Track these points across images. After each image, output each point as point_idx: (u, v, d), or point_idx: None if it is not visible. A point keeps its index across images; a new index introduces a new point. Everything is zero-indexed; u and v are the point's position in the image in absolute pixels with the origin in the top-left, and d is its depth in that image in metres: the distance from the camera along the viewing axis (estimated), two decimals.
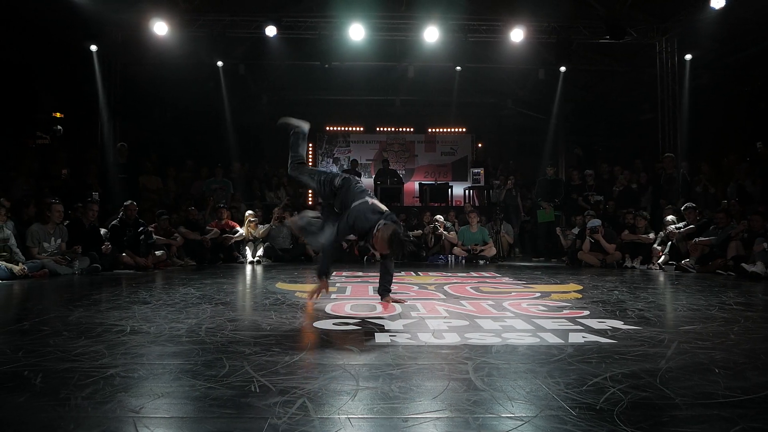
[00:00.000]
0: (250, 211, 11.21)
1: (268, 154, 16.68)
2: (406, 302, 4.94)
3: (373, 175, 15.48)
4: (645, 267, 9.52)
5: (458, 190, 14.98)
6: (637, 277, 8.13)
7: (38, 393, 2.32)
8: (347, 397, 2.28)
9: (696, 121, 12.71)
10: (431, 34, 12.06)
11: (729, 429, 1.95)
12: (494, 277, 7.72)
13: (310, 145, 17.46)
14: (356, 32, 11.94)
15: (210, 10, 12.35)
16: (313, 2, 12.90)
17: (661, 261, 9.47)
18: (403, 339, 3.41)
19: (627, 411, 2.11)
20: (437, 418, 2.06)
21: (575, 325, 3.87)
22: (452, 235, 11.48)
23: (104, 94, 12.27)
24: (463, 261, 11.00)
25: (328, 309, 4.62)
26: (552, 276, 7.91)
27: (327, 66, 13.17)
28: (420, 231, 11.84)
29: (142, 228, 9.31)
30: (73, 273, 7.98)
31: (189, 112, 15.40)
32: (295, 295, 5.65)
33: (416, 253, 11.33)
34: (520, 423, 2.00)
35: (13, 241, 7.54)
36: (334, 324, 3.94)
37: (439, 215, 11.87)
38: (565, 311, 4.53)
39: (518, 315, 4.32)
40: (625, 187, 12.08)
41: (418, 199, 14.84)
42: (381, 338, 3.42)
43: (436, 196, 13.74)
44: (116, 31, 12.30)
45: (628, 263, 9.76)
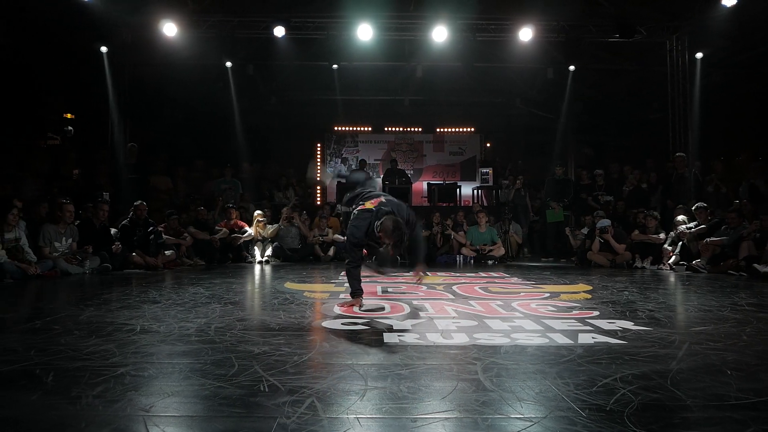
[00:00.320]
0: (258, 211, 11.24)
1: (277, 154, 16.72)
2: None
3: (382, 175, 15.48)
4: (655, 267, 9.46)
5: (467, 190, 14.94)
6: (648, 277, 8.08)
7: (50, 391, 2.34)
8: (356, 397, 2.28)
9: (707, 120, 12.61)
10: (440, 34, 12.04)
11: (741, 431, 1.94)
12: (503, 278, 7.70)
13: (319, 145, 17.51)
14: (364, 32, 11.93)
15: (219, 11, 12.38)
16: (322, 3, 12.90)
17: (671, 261, 9.40)
18: (411, 339, 3.40)
19: (637, 412, 2.09)
20: (446, 419, 2.06)
21: (585, 325, 3.86)
22: (461, 235, 11.46)
23: (114, 94, 12.32)
24: (472, 261, 10.98)
25: (337, 309, 4.63)
26: (561, 276, 7.87)
27: (335, 66, 13.19)
28: (429, 231, 11.82)
29: (151, 228, 9.36)
30: (84, 272, 8.04)
31: (198, 113, 15.45)
32: (304, 295, 5.66)
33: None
34: (529, 424, 1.99)
35: (25, 240, 7.59)
36: (342, 324, 3.95)
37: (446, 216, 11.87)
38: (575, 312, 4.51)
39: (527, 315, 4.30)
40: (635, 187, 12.00)
41: (426, 199, 14.81)
42: (389, 338, 3.42)
43: (444, 196, 13.70)
44: (126, 33, 12.37)
45: (639, 263, 9.70)
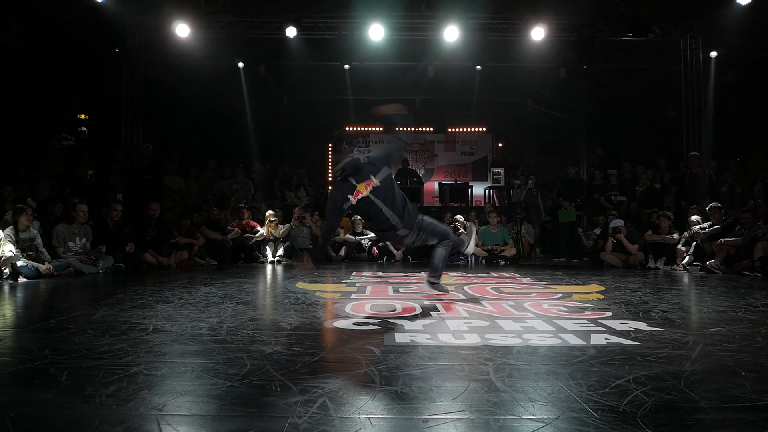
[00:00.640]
0: (270, 211, 11.27)
1: (289, 154, 16.80)
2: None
3: (393, 175, 15.47)
4: (669, 268, 9.38)
5: (478, 190, 14.92)
6: (661, 278, 8.02)
7: (64, 390, 2.36)
8: (367, 397, 2.28)
9: (721, 119, 12.50)
10: (451, 34, 12.02)
11: None
12: (515, 278, 7.67)
13: (330, 145, 17.52)
14: (376, 32, 11.94)
15: (231, 12, 12.44)
16: (333, 3, 12.93)
17: (685, 262, 9.32)
18: (423, 339, 3.40)
19: (651, 414, 2.08)
20: (457, 419, 2.05)
21: (597, 326, 3.83)
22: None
23: (127, 95, 12.41)
24: (483, 261, 10.94)
25: (348, 309, 4.64)
26: (573, 276, 7.83)
27: (347, 66, 13.20)
28: None
29: (164, 228, 9.42)
30: (98, 272, 8.11)
31: (210, 113, 15.55)
32: (315, 294, 5.67)
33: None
34: (541, 425, 1.98)
35: (39, 240, 7.67)
36: (354, 324, 3.95)
37: (459, 215, 11.82)
38: (587, 312, 4.48)
39: (539, 316, 4.28)
40: (648, 187, 11.91)
41: (438, 200, 14.80)
42: (401, 338, 3.42)
43: (456, 196, 13.68)
44: (139, 34, 12.45)
45: (652, 264, 9.62)
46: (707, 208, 9.51)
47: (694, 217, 9.65)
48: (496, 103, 17.22)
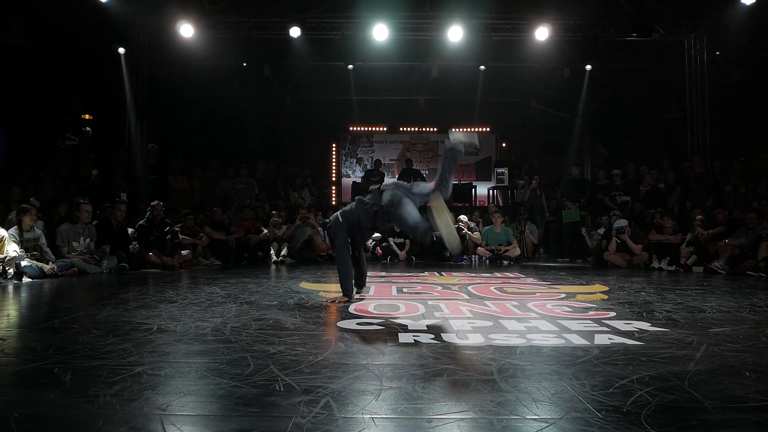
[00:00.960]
0: (274, 211, 11.29)
1: (292, 154, 16.80)
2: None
3: (397, 175, 15.48)
4: (673, 268, 9.36)
5: (482, 190, 14.92)
6: (665, 278, 8.00)
7: (68, 390, 2.37)
8: (371, 397, 2.28)
9: (725, 119, 12.45)
10: (455, 34, 12.01)
11: None
12: (518, 278, 7.67)
13: (334, 145, 17.56)
14: (380, 32, 11.94)
15: (235, 12, 12.46)
16: (337, 3, 12.94)
17: (689, 262, 9.30)
18: (426, 339, 3.40)
19: (655, 414, 2.08)
20: (461, 419, 2.05)
21: (601, 326, 3.83)
22: (476, 235, 11.41)
23: (131, 95, 12.43)
24: (487, 261, 10.93)
25: (352, 309, 4.64)
26: (577, 277, 7.82)
27: (350, 66, 13.20)
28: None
29: (168, 228, 9.43)
30: (102, 272, 8.13)
31: (214, 113, 15.57)
32: (319, 294, 5.67)
33: (440, 253, 11.29)
34: (545, 425, 1.98)
35: (44, 240, 7.70)
36: (357, 324, 3.95)
37: (463, 215, 11.81)
38: (591, 312, 4.48)
39: (543, 316, 4.28)
40: (652, 187, 11.88)
41: None
42: (404, 338, 3.42)
43: (459, 196, 13.68)
44: (143, 34, 12.49)
45: (656, 264, 9.60)
46: (711, 209, 9.48)
47: (699, 218, 9.63)
48: (499, 103, 17.18)
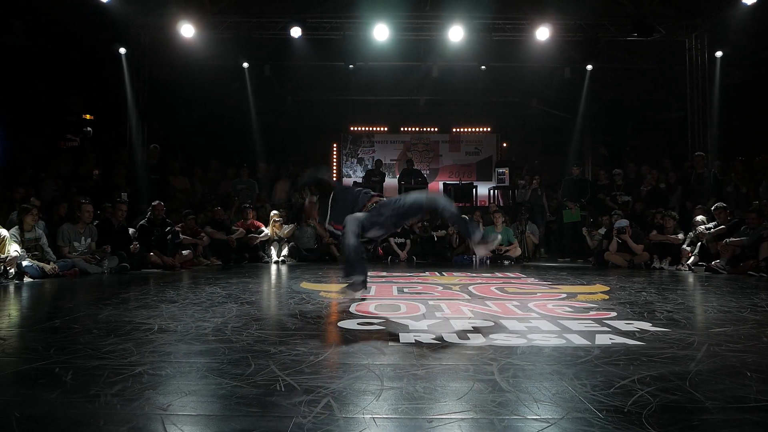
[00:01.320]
0: (275, 211, 11.29)
1: (293, 154, 16.80)
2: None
3: (398, 176, 15.48)
4: (674, 268, 9.35)
5: (483, 190, 14.90)
6: (666, 278, 7.99)
7: (69, 390, 2.37)
8: (372, 397, 2.28)
9: (726, 119, 12.44)
10: (456, 34, 12.01)
11: None
12: (519, 278, 7.66)
13: (335, 145, 17.56)
14: (380, 32, 11.94)
15: (235, 12, 12.47)
16: (338, 3, 12.94)
17: (690, 262, 9.29)
18: (427, 339, 3.40)
19: (656, 414, 2.07)
20: (462, 419, 2.05)
21: (602, 326, 3.82)
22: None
23: (132, 95, 12.44)
24: (488, 261, 10.92)
25: (353, 309, 4.64)
26: (578, 277, 7.81)
27: (351, 66, 13.20)
28: (444, 231, 11.79)
29: (169, 228, 9.44)
30: (103, 272, 8.14)
31: (215, 113, 15.58)
32: (320, 294, 5.67)
33: (441, 253, 11.29)
34: (546, 425, 1.98)
35: (45, 240, 7.70)
36: (358, 324, 3.95)
37: (463, 215, 11.76)
38: (592, 312, 4.47)
39: (544, 316, 4.27)
40: (653, 187, 11.87)
41: None
42: (405, 338, 3.42)
43: (460, 196, 13.66)
44: (144, 34, 12.50)
45: (657, 264, 9.60)
46: (712, 208, 9.47)
47: (699, 217, 9.62)
48: (500, 103, 17.20)
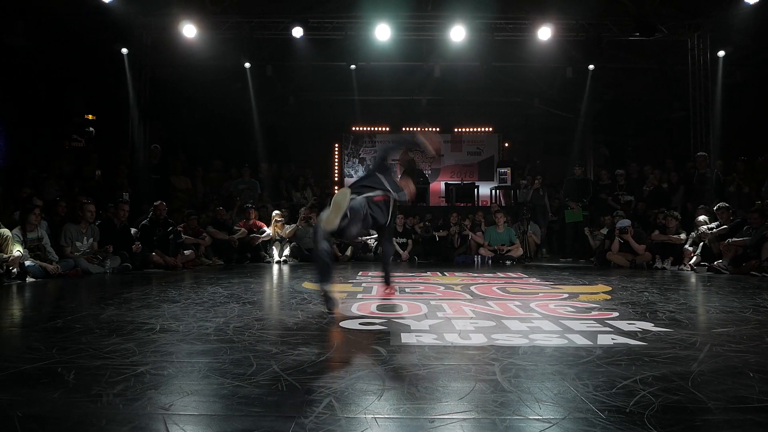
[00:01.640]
0: (276, 211, 11.30)
1: (295, 154, 16.81)
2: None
3: (399, 175, 15.47)
4: (676, 268, 9.34)
5: (485, 190, 14.91)
6: (668, 278, 7.98)
7: (71, 389, 2.37)
8: (373, 397, 2.28)
9: (729, 119, 12.42)
10: (457, 33, 12.01)
11: None
12: (521, 278, 7.66)
13: (336, 145, 17.56)
14: (382, 32, 11.94)
15: (237, 12, 12.47)
16: (340, 3, 12.94)
17: (692, 262, 9.28)
18: (429, 339, 3.40)
19: (658, 414, 2.07)
20: (463, 419, 2.05)
21: (604, 326, 3.82)
22: (479, 235, 11.41)
23: (134, 95, 12.44)
24: (490, 261, 10.92)
25: (354, 309, 4.64)
26: (580, 277, 7.81)
27: (353, 66, 13.21)
28: (446, 231, 11.80)
29: (171, 228, 9.45)
30: (105, 272, 8.15)
31: (217, 114, 15.59)
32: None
33: (443, 253, 11.29)
34: (547, 425, 1.98)
35: (47, 240, 7.71)
36: (360, 324, 3.95)
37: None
38: (594, 312, 4.47)
39: (546, 316, 4.27)
40: (655, 187, 11.86)
41: (444, 200, 14.79)
42: (407, 338, 3.41)
43: (462, 196, 13.68)
44: (146, 34, 12.50)
45: (659, 264, 9.59)
46: (715, 208, 9.46)
47: (702, 217, 9.60)
48: (502, 103, 17.18)
